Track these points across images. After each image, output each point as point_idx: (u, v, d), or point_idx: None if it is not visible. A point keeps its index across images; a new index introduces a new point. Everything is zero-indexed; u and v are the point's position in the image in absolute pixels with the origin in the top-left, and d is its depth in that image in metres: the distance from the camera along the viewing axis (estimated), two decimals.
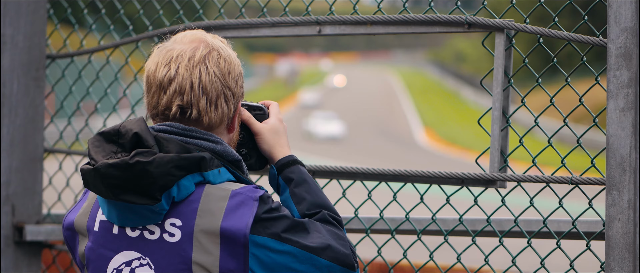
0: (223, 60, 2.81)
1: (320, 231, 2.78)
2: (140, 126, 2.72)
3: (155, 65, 2.80)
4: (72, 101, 4.80)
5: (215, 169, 2.75)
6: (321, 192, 2.94)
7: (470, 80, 65.21)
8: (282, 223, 2.72)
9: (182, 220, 2.71)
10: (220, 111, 2.80)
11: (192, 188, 2.71)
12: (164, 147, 2.71)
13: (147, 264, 2.74)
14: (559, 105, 3.76)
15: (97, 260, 2.79)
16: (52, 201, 4.75)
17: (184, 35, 2.84)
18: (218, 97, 2.79)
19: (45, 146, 4.46)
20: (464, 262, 3.84)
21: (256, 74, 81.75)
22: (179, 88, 2.77)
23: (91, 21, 4.72)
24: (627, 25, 3.20)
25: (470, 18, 3.65)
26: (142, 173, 2.65)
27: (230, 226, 2.69)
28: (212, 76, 2.78)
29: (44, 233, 4.35)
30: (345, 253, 2.77)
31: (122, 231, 2.76)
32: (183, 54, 2.78)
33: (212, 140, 2.80)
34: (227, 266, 2.69)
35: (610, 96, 3.22)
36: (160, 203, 2.68)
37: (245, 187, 2.75)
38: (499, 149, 3.60)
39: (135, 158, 2.66)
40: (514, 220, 3.64)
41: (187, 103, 2.77)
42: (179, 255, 2.71)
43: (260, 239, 2.70)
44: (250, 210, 2.70)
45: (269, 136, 3.01)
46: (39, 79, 4.39)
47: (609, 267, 3.21)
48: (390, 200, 3.85)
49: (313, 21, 3.88)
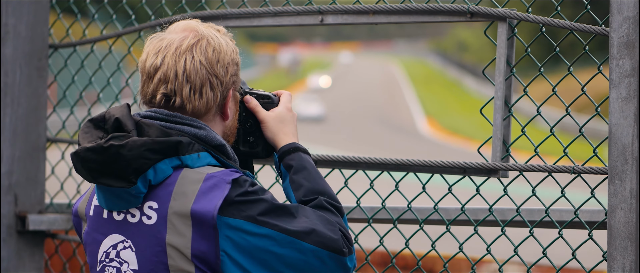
0: (211, 49, 2.84)
1: (308, 217, 2.79)
2: (122, 112, 2.79)
3: (146, 55, 2.86)
4: (74, 91, 4.80)
5: (195, 153, 2.78)
6: (321, 179, 2.94)
7: (472, 69, 65.18)
8: (259, 206, 2.74)
9: (158, 203, 2.76)
10: (205, 99, 2.84)
11: (169, 171, 2.76)
12: (144, 132, 2.76)
13: (130, 246, 2.79)
14: (561, 94, 3.76)
15: (91, 243, 2.87)
16: (55, 191, 4.75)
17: (176, 25, 2.89)
18: (203, 85, 2.83)
19: (48, 136, 4.46)
20: (466, 252, 3.84)
21: (258, 64, 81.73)
22: (164, 77, 2.82)
23: (93, 11, 4.72)
24: (629, 15, 3.20)
25: (472, 7, 3.65)
26: (116, 157, 2.71)
27: (200, 208, 2.72)
28: (197, 65, 2.82)
29: (47, 222, 4.36)
30: (333, 237, 2.77)
31: (110, 215, 2.83)
32: (171, 44, 2.83)
33: (195, 125, 2.83)
34: (199, 248, 2.72)
35: (613, 85, 3.22)
36: (136, 186, 2.73)
37: (221, 171, 2.77)
38: (501, 139, 3.60)
39: (109, 141, 2.72)
40: (516, 210, 3.64)
41: (171, 91, 2.82)
42: (155, 237, 2.75)
43: (235, 222, 2.72)
44: (222, 192, 2.72)
45: (273, 124, 3.03)
46: (41, 68, 4.39)
47: (611, 256, 3.21)
48: (392, 189, 3.85)
49: (315, 11, 3.88)
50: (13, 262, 4.36)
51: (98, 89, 4.69)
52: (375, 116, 46.60)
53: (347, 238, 2.82)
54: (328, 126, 41.05)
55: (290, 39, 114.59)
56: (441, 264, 4.96)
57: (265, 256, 2.73)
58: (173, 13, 4.19)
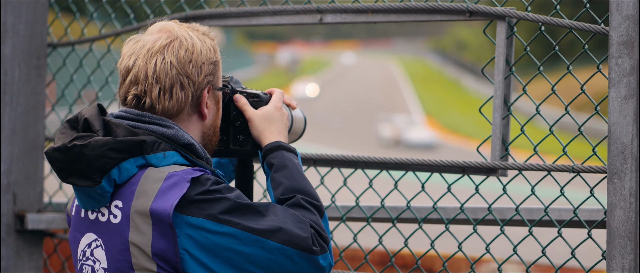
0: (184, 49, 2.86)
1: (277, 215, 2.78)
2: (91, 112, 2.83)
3: (121, 57, 2.90)
4: (73, 90, 4.80)
5: (160, 152, 2.80)
6: (301, 177, 2.94)
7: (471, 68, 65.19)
8: (220, 205, 2.74)
9: (122, 202, 2.79)
10: (175, 99, 2.85)
11: (134, 170, 2.78)
12: (113, 131, 2.80)
13: (100, 245, 2.83)
14: (560, 93, 3.75)
15: (73, 242, 2.92)
16: (53, 190, 4.75)
17: (154, 26, 2.92)
18: (172, 86, 2.84)
19: (47, 135, 4.46)
20: (465, 251, 3.84)
21: (257, 63, 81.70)
22: (135, 78, 2.85)
23: (92, 9, 4.72)
24: (629, 13, 3.20)
25: (471, 6, 3.65)
26: (78, 156, 2.75)
27: (157, 207, 2.74)
28: (167, 66, 2.83)
29: (46, 221, 4.36)
30: (301, 235, 2.76)
31: (86, 215, 2.88)
32: (144, 45, 2.86)
33: (164, 125, 2.84)
34: (159, 246, 2.74)
35: (612, 84, 3.21)
36: (101, 186, 2.76)
37: (184, 170, 2.79)
38: (500, 138, 3.60)
39: (73, 141, 2.76)
40: (515, 209, 3.64)
41: (141, 92, 2.85)
42: (120, 235, 2.79)
43: (195, 220, 2.73)
44: (180, 190, 2.74)
45: (259, 122, 3.04)
46: (40, 67, 4.39)
47: (611, 256, 3.21)
48: (391, 188, 3.85)
49: (314, 9, 3.88)
50: (12, 261, 4.36)
51: (97, 88, 4.69)
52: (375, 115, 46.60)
53: (320, 236, 2.81)
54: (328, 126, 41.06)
55: (289, 38, 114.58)
56: (440, 263, 4.96)
57: (229, 254, 2.74)
58: (172, 12, 4.19)
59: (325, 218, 2.90)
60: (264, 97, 3.07)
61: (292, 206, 2.86)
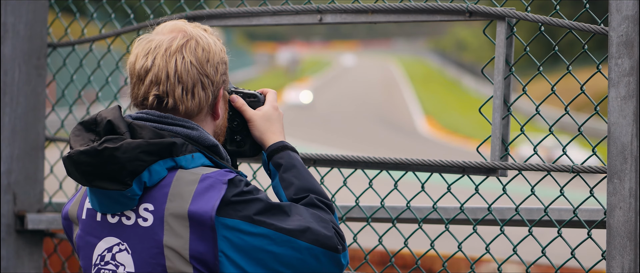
0: (201, 49, 2.84)
1: (301, 214, 2.79)
2: (114, 114, 2.78)
3: (135, 57, 2.85)
4: (73, 90, 4.80)
5: (189, 154, 2.78)
6: (310, 177, 2.95)
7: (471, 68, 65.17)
8: (255, 206, 2.74)
9: (154, 205, 2.75)
10: (197, 99, 2.83)
11: (164, 173, 2.75)
12: (137, 134, 2.75)
13: (126, 249, 2.79)
14: (560, 93, 3.75)
15: (85, 247, 2.86)
16: (54, 190, 4.75)
17: (164, 25, 2.88)
18: (194, 85, 2.82)
19: (47, 135, 4.46)
20: (465, 251, 3.84)
21: (257, 63, 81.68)
22: (155, 78, 2.81)
23: (92, 10, 4.72)
24: (628, 14, 3.20)
25: (471, 6, 3.65)
26: (111, 159, 2.70)
27: (197, 209, 2.71)
28: (188, 65, 2.81)
29: (46, 221, 4.36)
30: (327, 235, 2.78)
31: (104, 218, 2.82)
32: (160, 45, 2.82)
33: (188, 126, 2.83)
34: (197, 249, 2.72)
35: (612, 84, 3.22)
36: (131, 189, 2.72)
37: (216, 171, 2.77)
38: (500, 138, 3.60)
39: (103, 144, 2.71)
40: (515, 209, 3.64)
41: (163, 92, 2.81)
42: (152, 239, 2.75)
43: (231, 222, 2.72)
44: (219, 192, 2.72)
45: (260, 122, 3.03)
46: (40, 67, 4.39)
47: (610, 256, 3.21)
48: (391, 188, 3.85)
49: (314, 10, 3.88)
50: (12, 261, 4.36)
51: (97, 88, 4.69)
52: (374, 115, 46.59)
53: (340, 236, 2.83)
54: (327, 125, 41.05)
55: (289, 38, 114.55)
56: (440, 263, 4.96)
57: (262, 255, 2.74)
58: (172, 12, 4.19)
59: (335, 216, 2.91)
60: (260, 97, 3.07)
61: (307, 206, 2.86)
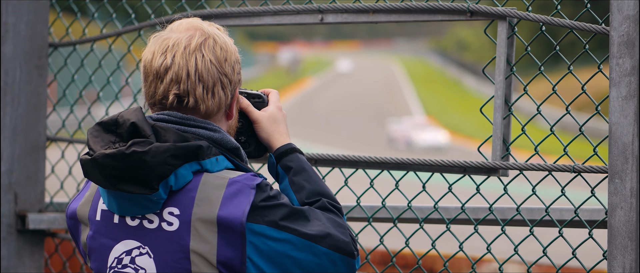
0: (219, 47, 2.80)
1: (320, 219, 2.77)
2: (138, 116, 2.72)
3: (151, 54, 2.79)
4: (74, 90, 4.80)
5: (213, 157, 2.74)
6: (320, 180, 2.93)
7: (472, 68, 65.18)
8: (280, 211, 2.72)
9: (180, 209, 2.72)
10: (217, 99, 2.80)
11: (190, 176, 2.72)
12: (161, 136, 2.71)
13: (147, 253, 2.75)
14: (561, 93, 3.75)
15: (99, 249, 2.80)
16: (55, 190, 4.75)
17: (179, 23, 2.83)
18: (214, 84, 2.79)
19: (48, 135, 4.46)
20: (466, 251, 3.84)
21: (258, 63, 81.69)
22: (176, 77, 2.76)
23: (93, 9, 4.72)
24: (629, 13, 3.20)
25: (472, 6, 3.65)
26: (139, 163, 2.66)
27: (227, 215, 2.69)
28: (208, 64, 2.78)
29: (47, 221, 4.36)
30: (345, 241, 2.77)
31: (122, 221, 2.77)
32: (179, 43, 2.78)
33: (210, 128, 2.79)
34: (225, 254, 2.69)
35: (613, 84, 3.21)
36: (157, 193, 2.69)
37: (243, 175, 2.74)
38: (501, 138, 3.60)
39: (131, 148, 2.66)
40: (516, 209, 3.64)
41: (183, 91, 2.77)
42: (177, 243, 2.71)
43: (258, 227, 2.70)
44: (248, 198, 2.70)
45: (267, 124, 3.00)
46: (41, 67, 4.39)
47: (612, 255, 3.21)
48: (392, 188, 3.85)
49: (315, 9, 3.88)
50: (13, 261, 4.36)
51: (98, 88, 4.69)
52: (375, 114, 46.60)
53: (354, 240, 2.82)
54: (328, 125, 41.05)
55: (290, 38, 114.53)
56: (441, 263, 4.96)
57: (285, 260, 2.72)
58: (173, 12, 4.19)
59: (345, 219, 2.90)
60: (265, 98, 3.05)
61: (321, 210, 2.84)
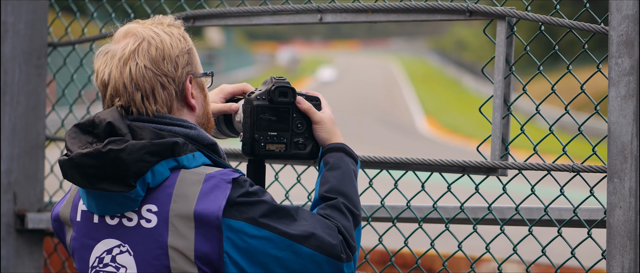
0: (154, 48, 2.80)
1: (307, 219, 2.77)
2: (113, 116, 2.75)
3: (97, 71, 2.84)
4: (73, 89, 4.80)
5: (190, 153, 2.76)
6: (350, 183, 2.92)
7: (471, 68, 65.15)
8: (260, 208, 2.72)
9: (157, 206, 2.73)
10: (161, 100, 2.80)
11: (167, 173, 2.73)
12: (137, 135, 2.73)
13: (127, 251, 2.76)
14: (560, 93, 3.75)
15: (80, 249, 2.83)
16: (54, 189, 4.75)
17: (119, 32, 2.86)
18: (153, 88, 2.79)
19: (47, 134, 4.46)
20: (465, 250, 3.84)
21: (257, 62, 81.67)
22: (115, 91, 2.80)
23: (93, 9, 4.72)
24: (628, 13, 3.20)
25: (471, 6, 3.65)
26: (115, 161, 2.68)
27: (203, 209, 2.70)
28: (142, 70, 2.79)
29: (46, 221, 4.36)
30: (331, 243, 2.75)
31: (102, 220, 2.79)
32: (114, 55, 2.81)
33: (186, 125, 2.81)
34: (202, 249, 2.70)
35: (612, 83, 3.22)
36: (135, 190, 2.70)
37: (220, 170, 2.75)
38: (500, 137, 3.60)
39: (108, 146, 2.69)
40: (515, 208, 3.64)
41: (126, 102, 2.79)
42: (155, 240, 2.73)
43: (236, 223, 2.70)
44: (224, 192, 2.70)
45: (330, 125, 3.02)
46: (40, 67, 4.39)
47: (611, 255, 3.21)
48: (391, 188, 3.85)
49: (314, 9, 3.88)
50: (12, 261, 4.36)
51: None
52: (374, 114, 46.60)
53: (348, 244, 2.80)
54: None
55: (289, 38, 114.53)
56: (440, 263, 4.96)
57: (264, 258, 2.72)
58: (172, 11, 4.19)
59: (359, 228, 2.87)
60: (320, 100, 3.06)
61: (330, 208, 2.84)
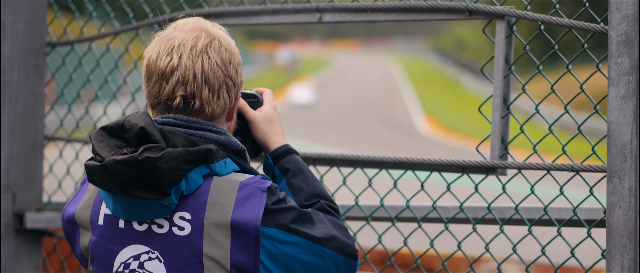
0: (224, 49, 2.78)
1: (323, 222, 2.78)
2: (146, 121, 2.69)
3: (156, 54, 2.76)
4: (72, 89, 4.80)
5: (221, 160, 2.73)
6: (317, 182, 2.93)
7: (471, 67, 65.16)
8: (290, 214, 2.72)
9: (191, 214, 2.70)
10: (222, 102, 2.78)
11: (200, 180, 2.70)
12: (170, 141, 2.69)
13: (157, 258, 2.73)
14: (559, 92, 3.75)
15: (102, 254, 2.78)
16: (53, 189, 4.75)
17: (184, 23, 2.80)
18: (220, 87, 2.77)
19: (46, 134, 4.46)
20: (465, 250, 3.84)
21: (256, 62, 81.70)
22: (182, 78, 2.74)
23: (91, 9, 4.71)
24: (628, 13, 3.20)
25: (471, 5, 3.65)
26: (152, 169, 2.64)
27: (241, 218, 2.68)
28: (214, 66, 2.75)
29: (45, 220, 4.35)
30: (349, 243, 2.78)
31: (128, 226, 2.75)
32: (185, 43, 2.75)
33: (216, 131, 2.78)
34: (238, 258, 2.68)
35: (611, 83, 3.21)
36: (169, 198, 2.67)
37: (252, 178, 2.73)
38: (499, 137, 3.60)
39: (144, 154, 2.64)
40: (514, 208, 3.63)
41: (190, 93, 2.75)
42: (189, 248, 2.70)
43: (270, 231, 2.69)
44: (260, 201, 2.69)
45: (263, 124, 3.00)
46: (39, 66, 4.38)
47: (610, 255, 3.21)
48: (390, 187, 3.85)
49: (313, 8, 3.88)
50: (11, 261, 4.35)
51: (96, 87, 4.68)
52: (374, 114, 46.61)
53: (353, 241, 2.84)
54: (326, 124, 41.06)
55: (289, 37, 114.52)
56: (440, 262, 4.96)
57: (292, 263, 2.72)
58: (171, 11, 4.19)
59: (341, 219, 2.91)
60: (260, 97, 3.04)
61: (321, 211, 2.85)
